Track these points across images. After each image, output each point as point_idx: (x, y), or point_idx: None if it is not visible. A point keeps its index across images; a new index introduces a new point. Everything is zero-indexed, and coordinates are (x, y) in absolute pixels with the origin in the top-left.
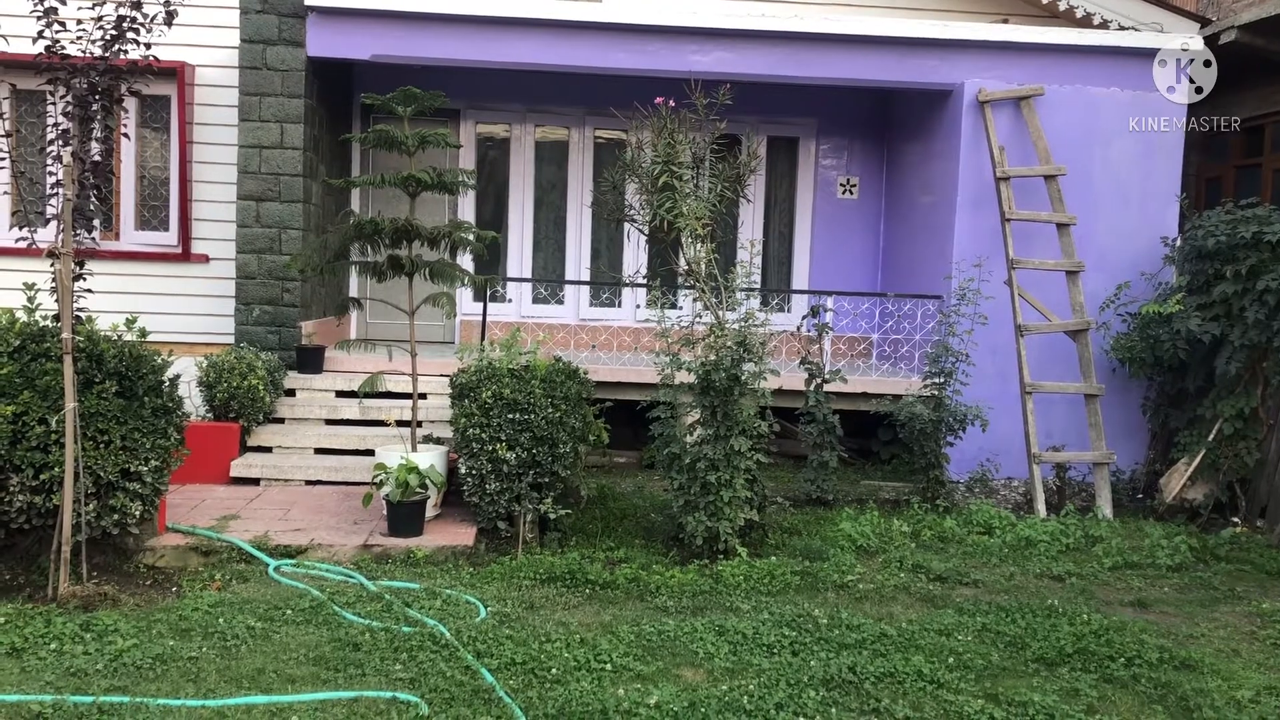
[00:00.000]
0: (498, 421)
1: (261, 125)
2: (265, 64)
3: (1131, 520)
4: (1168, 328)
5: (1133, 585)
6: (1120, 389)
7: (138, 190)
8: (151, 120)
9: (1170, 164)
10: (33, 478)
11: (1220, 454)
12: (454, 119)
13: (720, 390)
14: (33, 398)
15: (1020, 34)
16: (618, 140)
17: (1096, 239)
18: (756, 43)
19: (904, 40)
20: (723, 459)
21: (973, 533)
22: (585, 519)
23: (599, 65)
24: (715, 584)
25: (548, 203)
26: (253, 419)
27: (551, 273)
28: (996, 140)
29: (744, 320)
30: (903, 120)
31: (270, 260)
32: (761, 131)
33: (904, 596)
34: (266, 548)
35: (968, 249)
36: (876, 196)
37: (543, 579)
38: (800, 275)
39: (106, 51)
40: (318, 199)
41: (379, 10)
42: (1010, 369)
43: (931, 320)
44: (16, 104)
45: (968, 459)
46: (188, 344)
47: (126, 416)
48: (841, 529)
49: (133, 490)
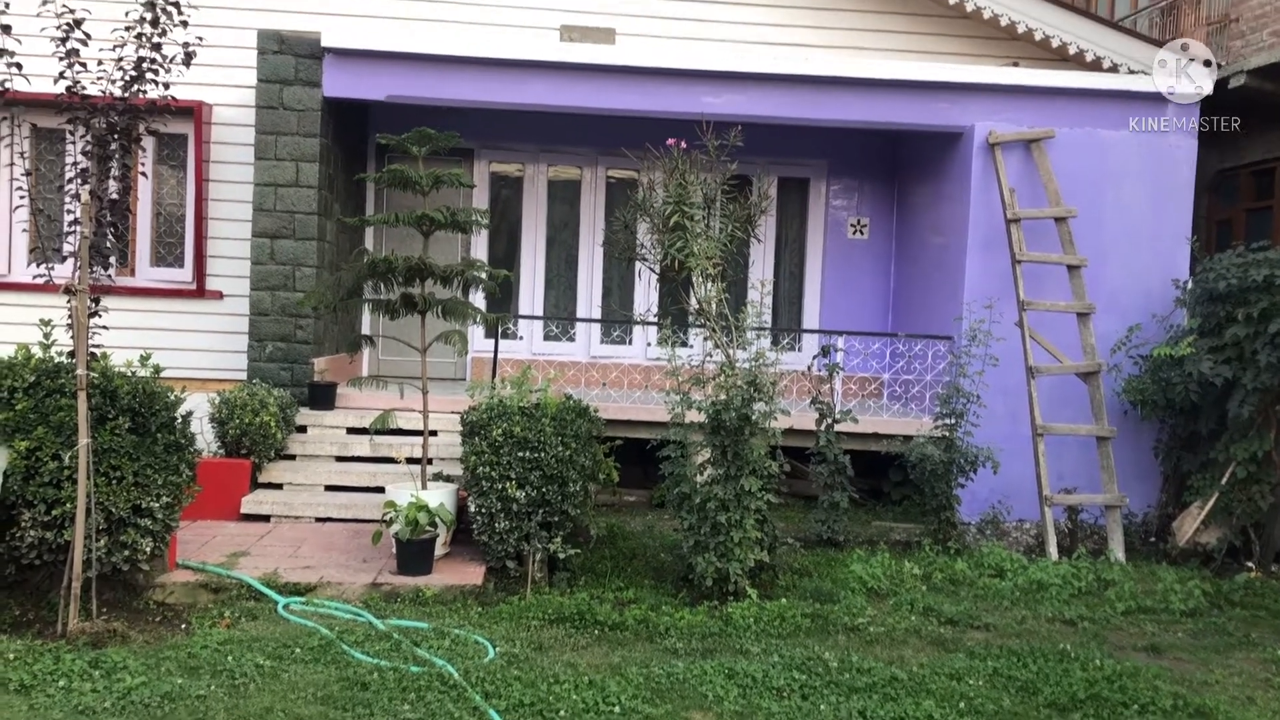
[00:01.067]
0: (508, 459)
1: (277, 164)
2: (282, 104)
3: (1144, 564)
4: (1179, 370)
5: (1146, 630)
6: (1132, 431)
7: (153, 227)
8: (168, 158)
9: (1181, 206)
10: (45, 513)
11: (1233, 498)
12: (468, 158)
13: (731, 430)
14: (47, 433)
15: (1030, 77)
16: (630, 180)
17: (1107, 281)
18: (767, 85)
19: (914, 83)
20: (733, 499)
21: (984, 575)
22: (594, 558)
23: (612, 107)
24: (725, 626)
25: (560, 241)
26: (264, 455)
27: (563, 310)
28: (1007, 182)
29: (755, 359)
30: (913, 162)
31: (284, 297)
32: (772, 172)
33: (915, 640)
34: (276, 585)
35: (978, 290)
36: (887, 237)
37: (551, 619)
38: (811, 315)
39: (126, 92)
40: (332, 236)
41: (395, 52)
42: (1021, 410)
43: (942, 361)
44: (36, 142)
45: (979, 500)
46: (201, 380)
47: (139, 453)
48: (852, 571)
49: (144, 526)
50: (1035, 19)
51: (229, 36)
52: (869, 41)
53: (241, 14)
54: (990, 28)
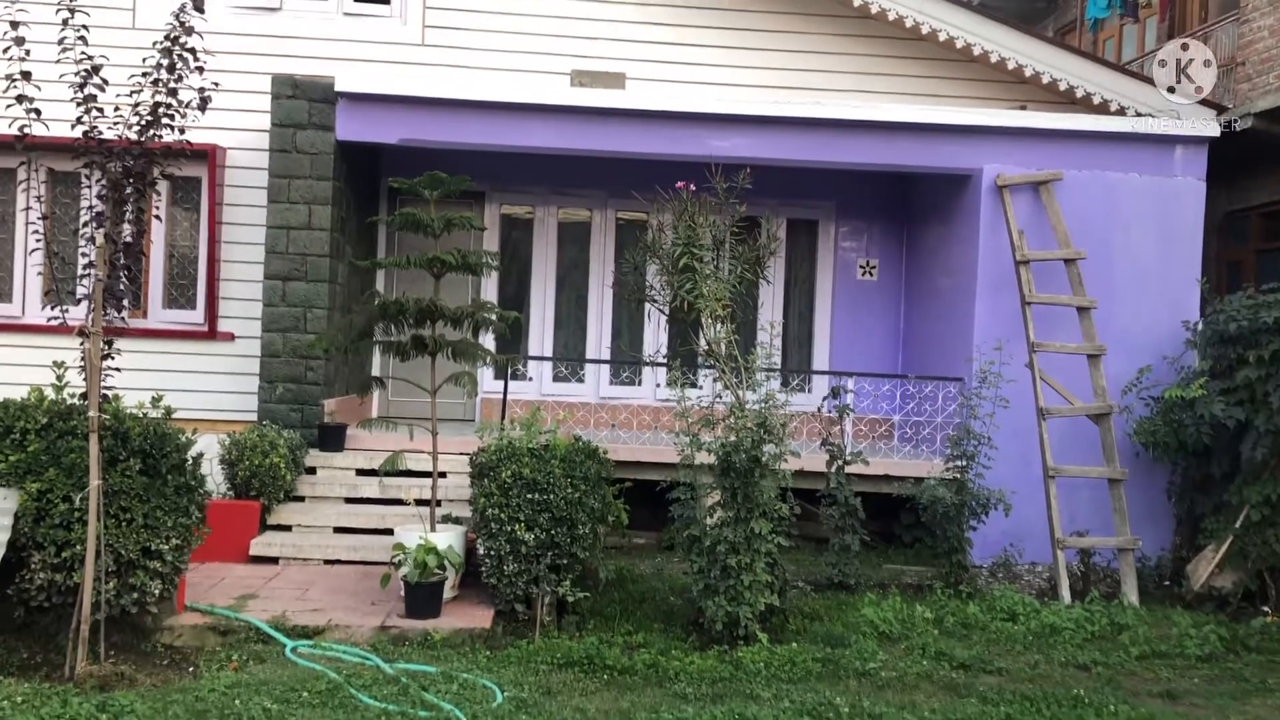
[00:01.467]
0: (517, 501)
1: (290, 207)
2: (295, 147)
3: (1158, 608)
4: (1191, 412)
5: (1161, 675)
6: (1144, 473)
7: (166, 269)
8: (182, 201)
9: (1190, 247)
10: (54, 555)
11: (1248, 541)
12: (479, 200)
13: (741, 472)
14: (58, 475)
15: (1038, 120)
16: (639, 222)
17: (1117, 322)
18: (776, 128)
19: (922, 126)
20: (743, 542)
21: (996, 619)
22: (603, 601)
23: (621, 150)
24: (735, 670)
25: (569, 282)
26: (273, 497)
27: (572, 351)
28: (1016, 224)
29: (764, 401)
30: (922, 203)
31: (295, 339)
32: (781, 214)
33: (927, 685)
34: (284, 628)
35: (988, 331)
36: (896, 278)
37: (560, 663)
38: (820, 356)
39: (142, 136)
40: (343, 279)
41: (407, 96)
42: (1033, 452)
43: (953, 402)
44: (52, 186)
45: (991, 543)
46: (211, 421)
47: (149, 494)
48: (864, 615)
49: (153, 569)
50: (1043, 63)
51: (243, 81)
52: (877, 85)
53: (256, 59)
54: (998, 71)
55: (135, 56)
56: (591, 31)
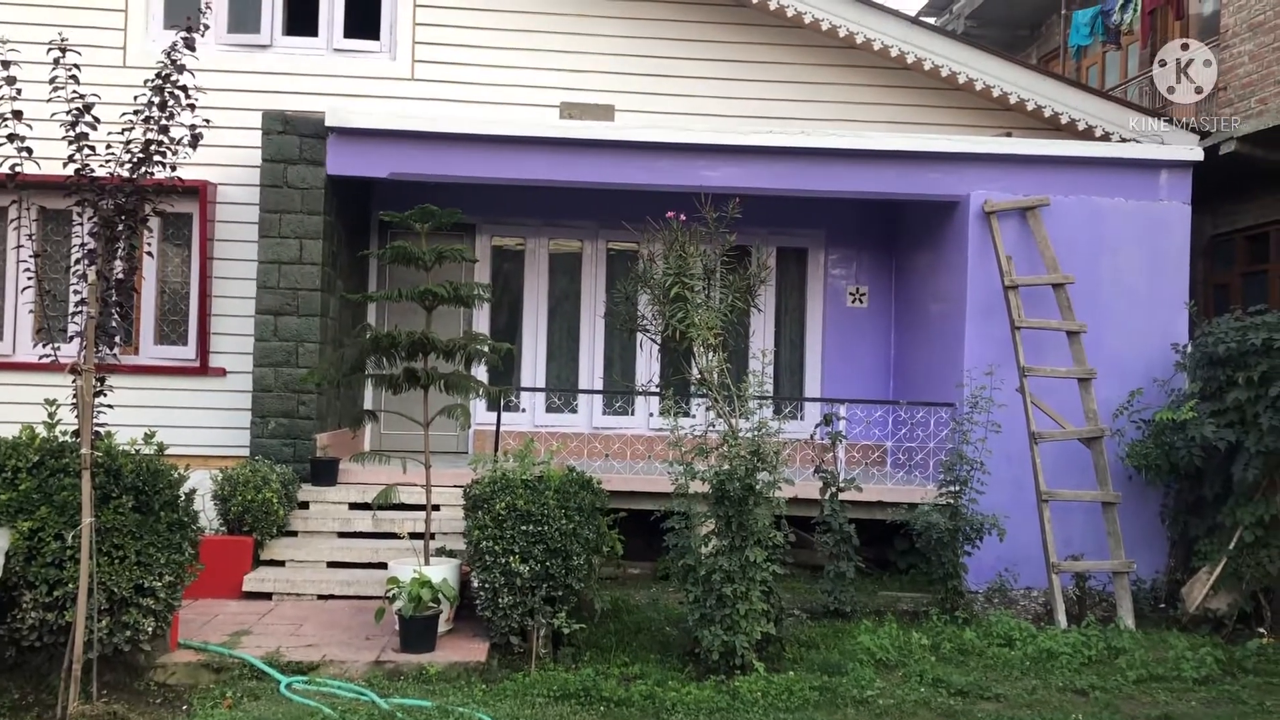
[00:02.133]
0: (511, 533)
1: (281, 241)
2: (286, 182)
3: (1154, 631)
4: (1182, 434)
5: (1159, 699)
6: (1137, 496)
7: (158, 305)
8: (173, 237)
9: (1178, 271)
10: (46, 594)
11: (1242, 562)
12: (469, 233)
13: (735, 500)
14: (50, 513)
15: (1024, 146)
16: (630, 252)
17: (1107, 346)
18: (765, 158)
19: (909, 154)
20: (738, 570)
21: (993, 645)
22: (599, 633)
23: (612, 181)
24: (732, 700)
25: (561, 313)
26: (266, 532)
27: (565, 381)
28: (1004, 250)
29: (758, 429)
30: (910, 230)
31: (287, 373)
32: (771, 243)
33: (925, 712)
34: (278, 664)
35: (979, 357)
36: (886, 305)
37: (556, 696)
38: (812, 383)
39: (134, 173)
40: (335, 312)
41: (397, 130)
42: (1025, 477)
43: (945, 428)
44: (44, 223)
45: (986, 568)
46: (203, 456)
47: (142, 531)
48: (860, 642)
49: (146, 606)
50: (1027, 90)
51: (234, 118)
52: (864, 114)
53: (247, 95)
54: (983, 99)
55: (127, 94)
56: (580, 64)
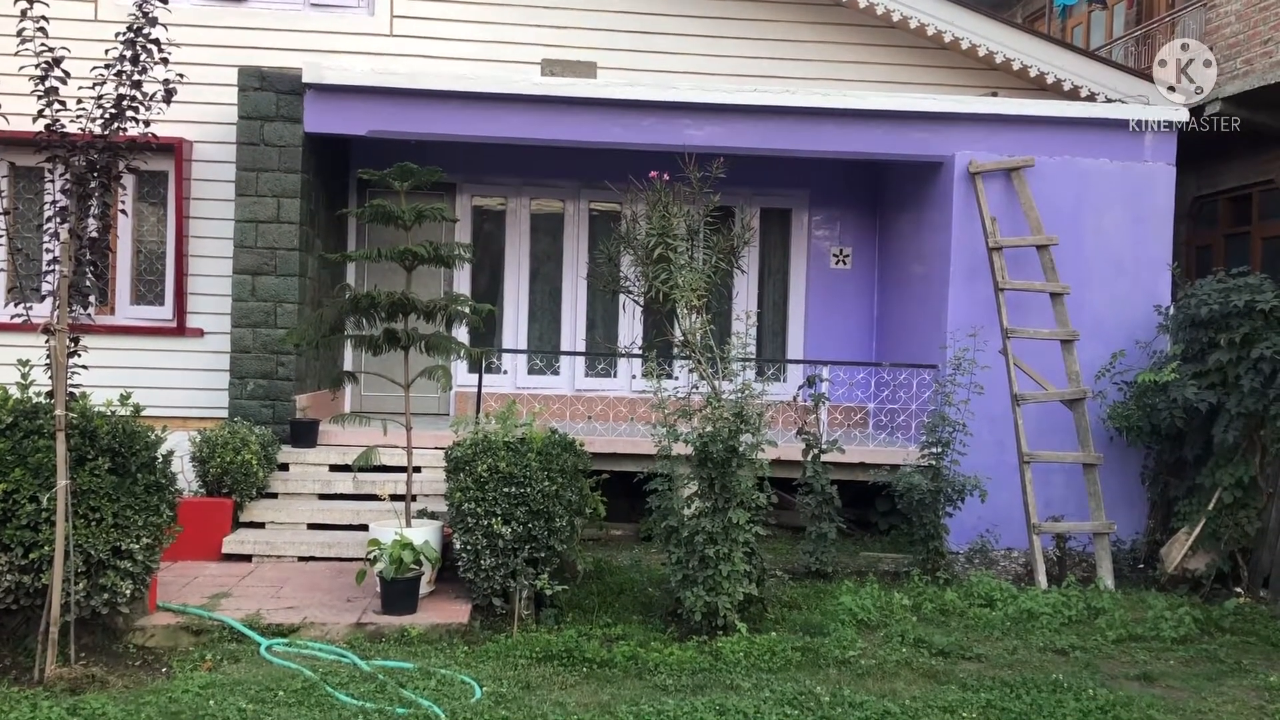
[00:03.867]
0: (493, 495)
1: (258, 200)
2: (263, 140)
3: (1134, 591)
4: (1164, 396)
5: (1137, 658)
6: (1118, 458)
7: (133, 265)
8: (149, 195)
9: (1161, 233)
10: (22, 557)
11: (1221, 523)
12: (450, 192)
13: (718, 462)
14: (24, 475)
15: (1009, 106)
16: (613, 212)
17: (1090, 308)
18: (749, 117)
19: (894, 113)
20: (721, 532)
21: (974, 605)
22: (582, 594)
23: (594, 140)
24: (715, 661)
25: (543, 274)
26: (246, 494)
27: (547, 343)
28: (988, 211)
29: (740, 391)
30: (895, 191)
31: (265, 334)
32: (755, 203)
33: (906, 672)
34: (258, 626)
35: (962, 318)
36: (870, 266)
37: (539, 657)
38: (795, 345)
39: (106, 129)
40: (314, 272)
41: (375, 87)
42: (1008, 438)
43: (928, 390)
44: (14, 181)
45: (967, 529)
46: (182, 418)
47: (119, 493)
48: (842, 603)
49: (123, 569)
50: (1013, 49)
51: (210, 74)
52: (848, 73)
53: (222, 51)
54: (969, 58)
55: (98, 49)
56: (562, 20)
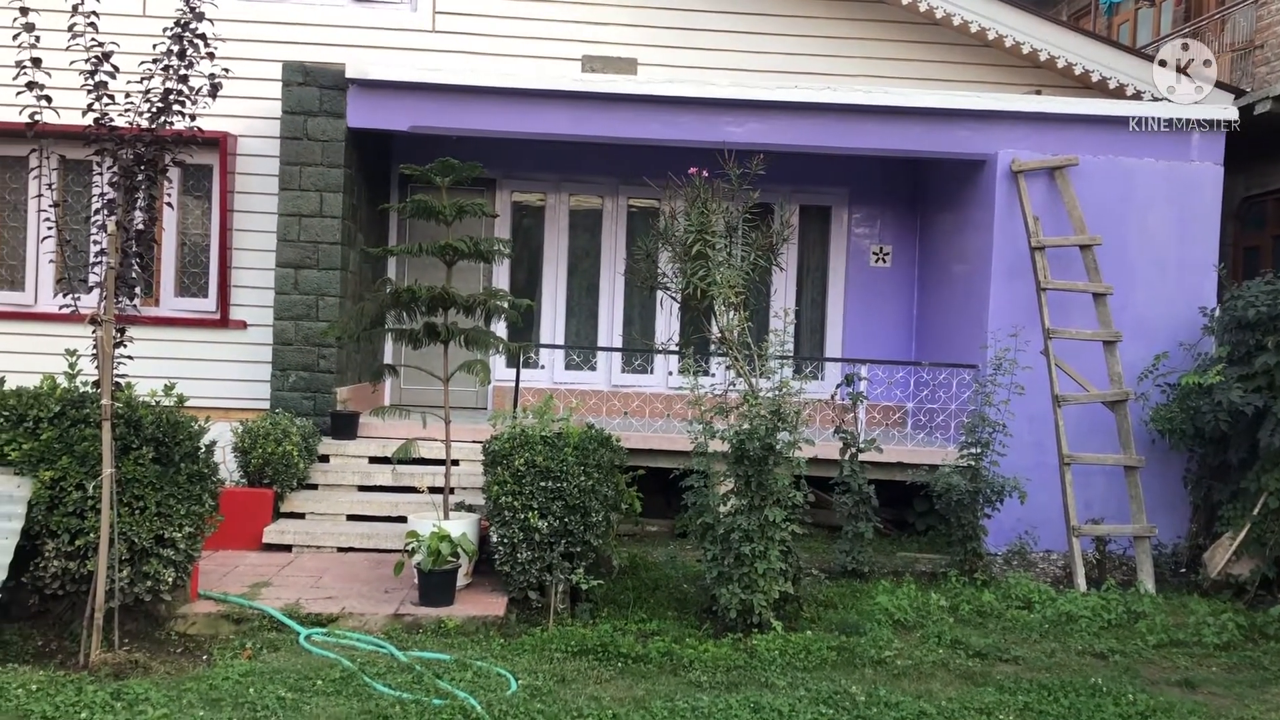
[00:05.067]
0: (530, 489)
1: (301, 194)
2: (306, 134)
3: (1175, 596)
4: (1209, 399)
5: (1179, 664)
6: (1160, 460)
7: (178, 257)
8: (193, 189)
9: (1207, 233)
10: (68, 543)
11: (1266, 528)
12: (490, 188)
13: (754, 459)
14: (71, 463)
15: (1053, 105)
16: (651, 209)
17: (1133, 309)
18: (789, 114)
19: (936, 111)
20: (757, 530)
21: (1012, 607)
22: (617, 589)
23: (634, 136)
24: (750, 658)
25: (581, 270)
26: (286, 485)
27: (584, 339)
28: (1031, 210)
29: (778, 389)
30: (936, 189)
31: (307, 327)
32: (794, 200)
33: (943, 673)
34: (298, 616)
35: (1003, 318)
36: (910, 265)
37: (574, 651)
38: (833, 343)
39: (153, 123)
40: (355, 266)
41: (418, 83)
42: (1047, 439)
43: (967, 389)
44: (64, 173)
45: (1005, 530)
46: (224, 409)
47: (162, 482)
48: (878, 602)
49: (166, 557)
50: (1057, 47)
51: (254, 69)
52: (890, 70)
53: (267, 46)
54: (1012, 55)
55: (146, 44)
56: (603, 17)
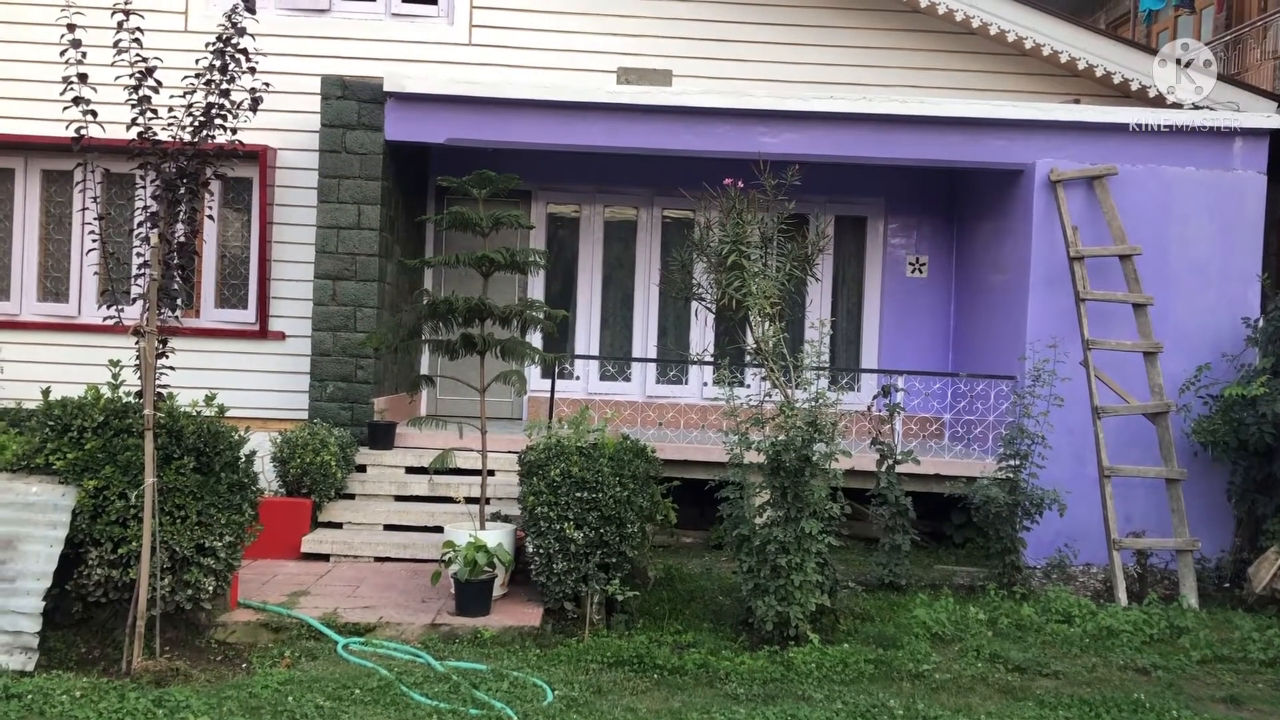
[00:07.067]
0: (566, 500)
1: (339, 206)
2: (345, 147)
3: (1219, 611)
4: (1252, 410)
5: (1224, 680)
6: (1203, 473)
7: (218, 269)
8: (233, 201)
9: (1250, 242)
10: (111, 551)
11: None
12: (525, 199)
13: (791, 471)
14: (114, 472)
15: (1092, 114)
16: (685, 220)
17: (1174, 319)
18: (825, 125)
19: (973, 121)
20: (793, 542)
21: (1051, 621)
22: (652, 600)
23: (669, 148)
24: (786, 671)
25: (615, 281)
26: (324, 494)
27: (619, 350)
28: (1069, 220)
29: (814, 400)
30: (972, 199)
31: (345, 338)
32: (829, 211)
33: (982, 687)
34: (335, 625)
35: (1041, 329)
36: (946, 275)
37: (610, 662)
38: (869, 354)
39: (195, 137)
40: (392, 278)
41: (454, 96)
42: (1087, 451)
43: (1005, 401)
44: (108, 187)
45: (1044, 544)
46: (263, 419)
47: (203, 492)
48: (916, 615)
49: (207, 565)
50: (1096, 55)
51: (294, 83)
52: (927, 80)
53: (306, 60)
54: (1050, 64)
55: (188, 59)
56: (637, 29)
